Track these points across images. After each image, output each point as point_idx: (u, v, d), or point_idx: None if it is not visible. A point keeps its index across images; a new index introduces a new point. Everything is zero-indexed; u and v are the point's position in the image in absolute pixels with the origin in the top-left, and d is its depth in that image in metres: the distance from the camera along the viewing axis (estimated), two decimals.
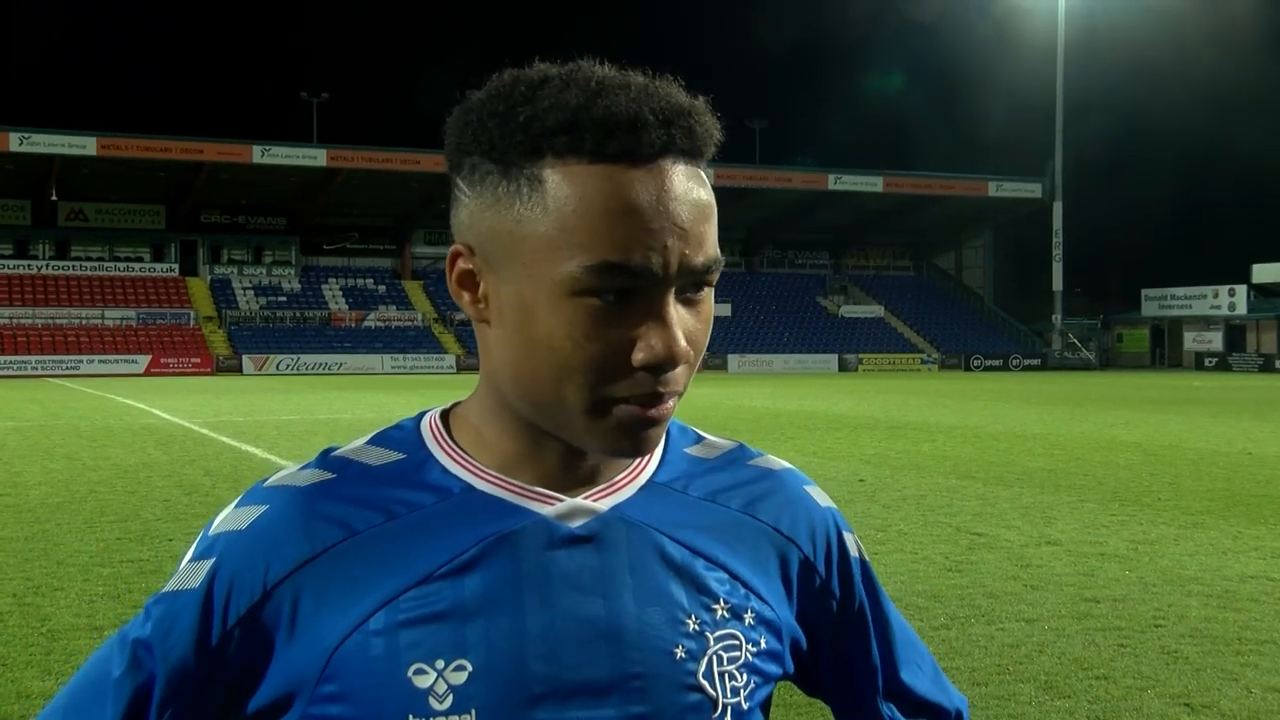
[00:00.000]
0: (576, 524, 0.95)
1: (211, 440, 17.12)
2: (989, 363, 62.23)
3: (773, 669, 1.00)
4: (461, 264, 0.92)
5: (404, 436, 0.99)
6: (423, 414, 1.02)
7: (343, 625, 0.91)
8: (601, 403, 0.88)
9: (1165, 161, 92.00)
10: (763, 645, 0.99)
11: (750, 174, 64.21)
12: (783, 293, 68.90)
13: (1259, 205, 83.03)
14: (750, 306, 66.45)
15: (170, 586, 0.95)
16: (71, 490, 11.35)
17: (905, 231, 72.73)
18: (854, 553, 1.08)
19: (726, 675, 0.95)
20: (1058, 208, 65.50)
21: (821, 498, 1.09)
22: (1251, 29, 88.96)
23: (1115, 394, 32.85)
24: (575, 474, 0.96)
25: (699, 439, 1.06)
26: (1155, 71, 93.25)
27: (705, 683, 0.94)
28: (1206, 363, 62.42)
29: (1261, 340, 64.66)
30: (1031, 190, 67.74)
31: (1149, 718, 4.73)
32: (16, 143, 51.78)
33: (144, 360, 51.24)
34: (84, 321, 55.18)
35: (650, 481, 0.99)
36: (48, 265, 58.71)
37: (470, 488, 0.95)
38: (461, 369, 53.79)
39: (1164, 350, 69.19)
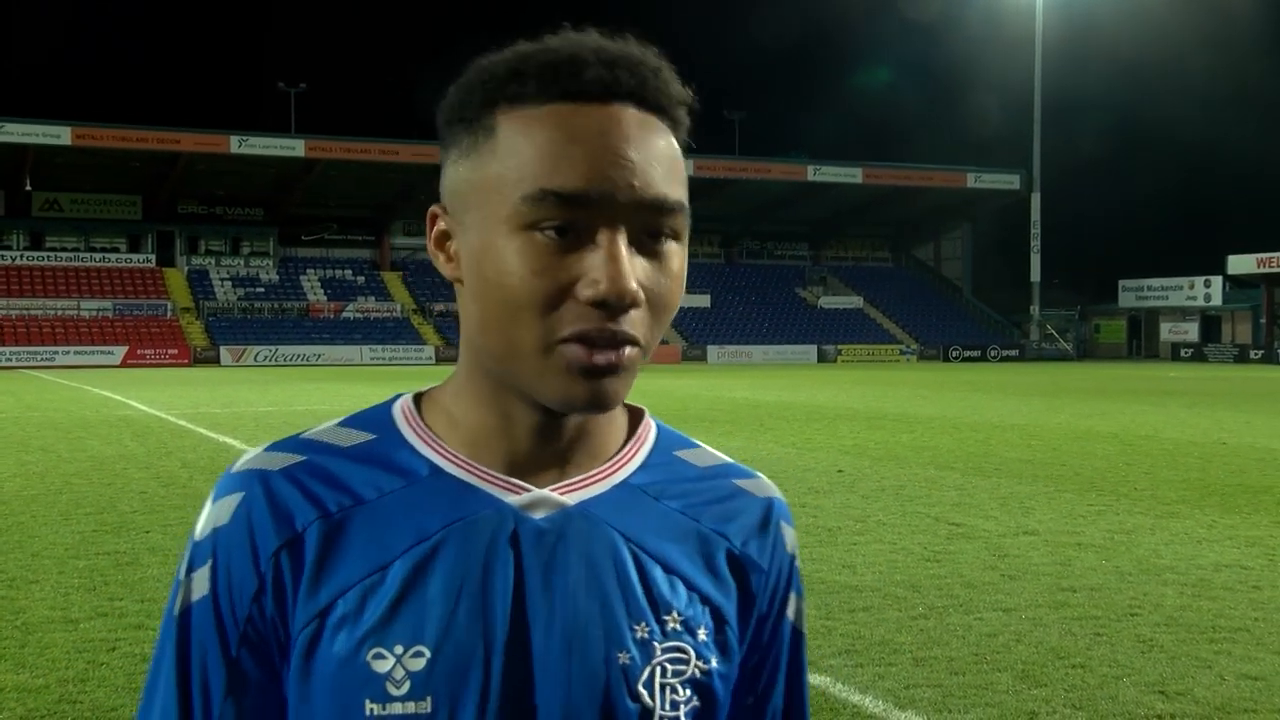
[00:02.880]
0: (540, 516, 0.93)
1: (189, 432, 17.03)
2: (967, 354, 62.49)
3: (720, 690, 0.97)
4: (439, 225, 0.94)
5: (375, 418, 0.99)
6: (397, 396, 1.01)
7: (310, 608, 0.91)
8: (550, 340, 0.87)
9: (1143, 154, 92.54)
10: (712, 665, 0.96)
11: (729, 165, 64.21)
12: (762, 284, 68.98)
13: (1235, 197, 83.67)
14: (729, 297, 66.50)
15: (178, 607, 0.94)
16: (47, 482, 11.27)
17: (884, 223, 72.90)
18: (791, 616, 1.05)
19: (669, 688, 0.93)
20: (1036, 199, 65.77)
21: (792, 541, 1.05)
22: (1230, 22, 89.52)
23: (1092, 385, 33.05)
24: (547, 457, 0.95)
25: (693, 446, 1.04)
26: (1134, 65, 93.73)
27: (644, 692, 0.92)
28: (1182, 353, 62.86)
29: (1237, 331, 65.16)
30: (1010, 182, 68.00)
31: (1125, 705, 4.77)
32: None
33: (120, 351, 50.87)
34: (60, 312, 54.74)
35: (625, 482, 0.97)
36: (22, 256, 58.18)
37: (438, 470, 0.94)
38: (440, 360, 53.65)
39: (1140, 341, 69.65)
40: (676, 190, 0.90)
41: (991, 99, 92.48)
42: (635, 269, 0.87)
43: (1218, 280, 64.74)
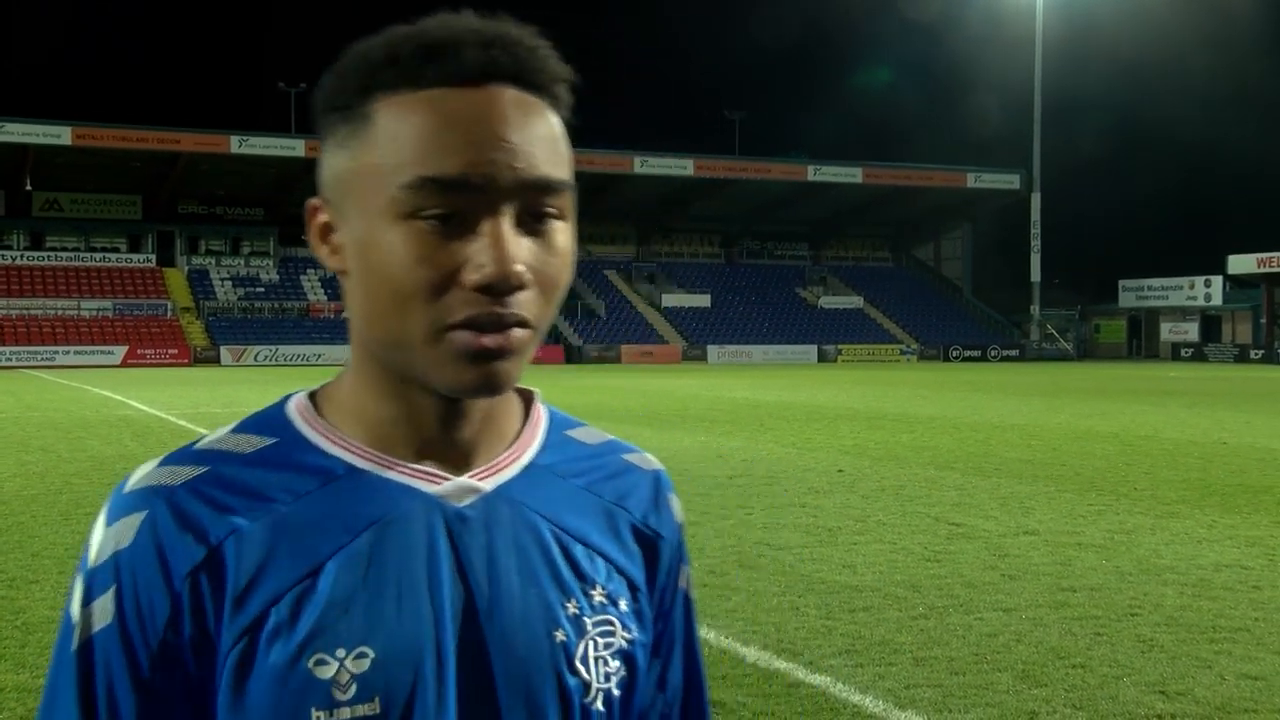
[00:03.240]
0: (464, 504, 0.93)
1: (189, 432, 17.02)
2: (967, 353, 62.48)
3: (640, 659, 0.99)
4: (320, 217, 0.93)
5: (271, 421, 0.96)
6: (287, 397, 0.98)
7: (237, 625, 0.88)
8: (438, 328, 0.86)
9: (1143, 153, 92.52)
10: (634, 634, 0.99)
11: (729, 165, 64.23)
12: (762, 284, 68.97)
13: (1236, 196, 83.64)
14: (729, 297, 66.49)
15: (76, 641, 0.88)
16: (47, 482, 11.27)
17: (884, 223, 72.90)
18: (683, 584, 1.07)
19: (601, 660, 0.95)
20: (1036, 199, 65.78)
21: (679, 511, 1.08)
22: (1230, 22, 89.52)
23: (1092, 385, 33.05)
24: (454, 444, 0.94)
25: (581, 425, 1.05)
26: (1135, 65, 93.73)
27: (582, 667, 0.94)
28: (1183, 353, 62.86)
29: (1237, 331, 65.16)
30: (1010, 182, 68.01)
31: (1125, 705, 4.77)
32: None
33: (121, 351, 50.86)
34: (60, 312, 54.73)
35: (532, 463, 0.98)
36: (23, 256, 58.17)
37: (353, 468, 0.93)
38: None
39: (1141, 341, 69.66)
40: (559, 169, 0.89)
41: (992, 99, 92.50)
42: (521, 250, 0.86)
43: (1218, 280, 64.73)
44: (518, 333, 0.87)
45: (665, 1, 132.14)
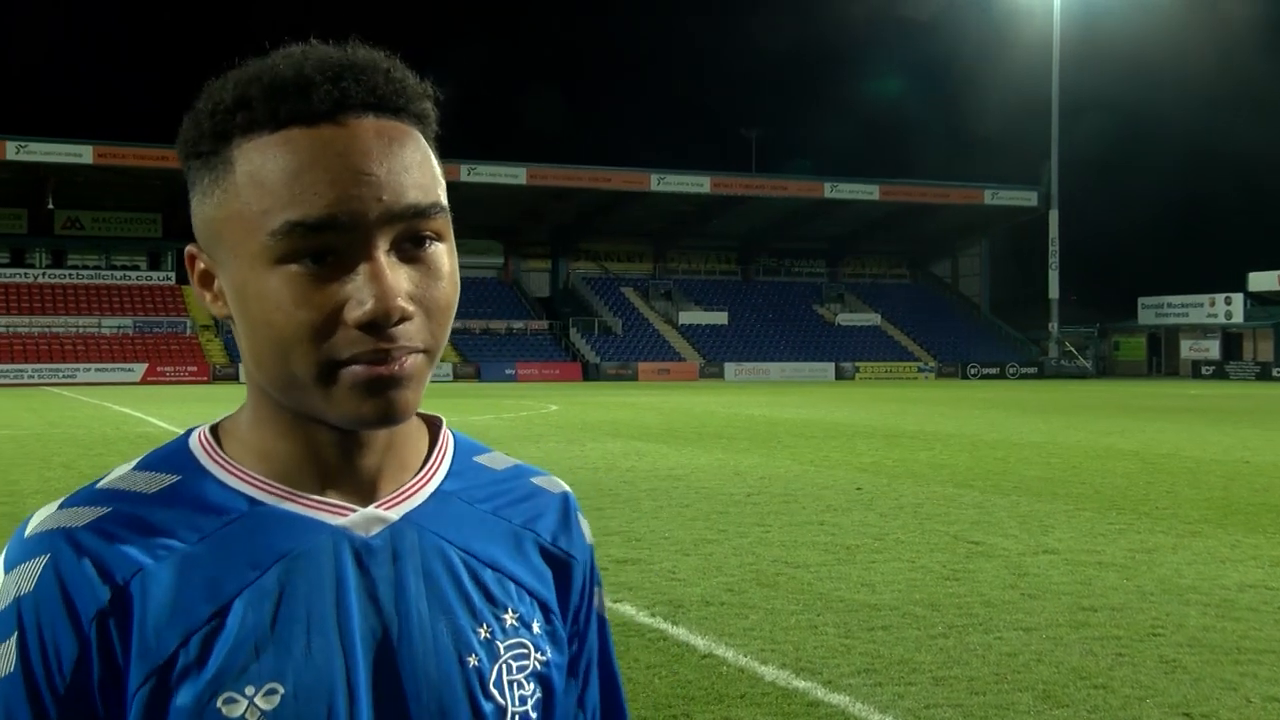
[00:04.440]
0: (371, 534, 0.92)
1: None
2: (986, 371, 62.26)
3: (557, 680, 0.99)
4: (199, 264, 0.93)
5: (173, 457, 0.94)
6: (190, 431, 0.97)
7: (144, 665, 0.86)
8: (328, 368, 0.85)
9: (1162, 169, 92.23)
10: (549, 656, 0.98)
11: (746, 182, 64.29)
12: (779, 301, 68.93)
13: (1256, 213, 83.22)
14: (746, 315, 66.46)
15: None
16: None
17: (902, 240, 72.79)
18: (596, 605, 1.07)
19: (515, 684, 0.95)
20: (1054, 216, 65.62)
21: (589, 533, 1.07)
22: (1248, 34, 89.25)
23: (1112, 402, 32.87)
24: (358, 474, 0.93)
25: (487, 450, 1.05)
26: (1152, 78, 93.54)
27: (496, 691, 0.93)
28: (1203, 371, 62.49)
29: (1258, 349, 64.73)
30: (1027, 199, 67.88)
31: None
32: (13, 151, 51.76)
33: (140, 369, 51.15)
34: (80, 330, 55.10)
35: (439, 490, 0.97)
36: (44, 274, 58.63)
37: (256, 502, 0.92)
38: (458, 377, 53.76)
39: (1161, 358, 69.28)
40: (430, 192, 0.88)
41: (1009, 115, 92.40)
42: (401, 281, 0.85)
43: (1239, 297, 64.36)
44: (411, 359, 0.86)
45: (682, 20, 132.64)
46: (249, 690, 0.86)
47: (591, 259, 69.01)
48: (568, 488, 1.08)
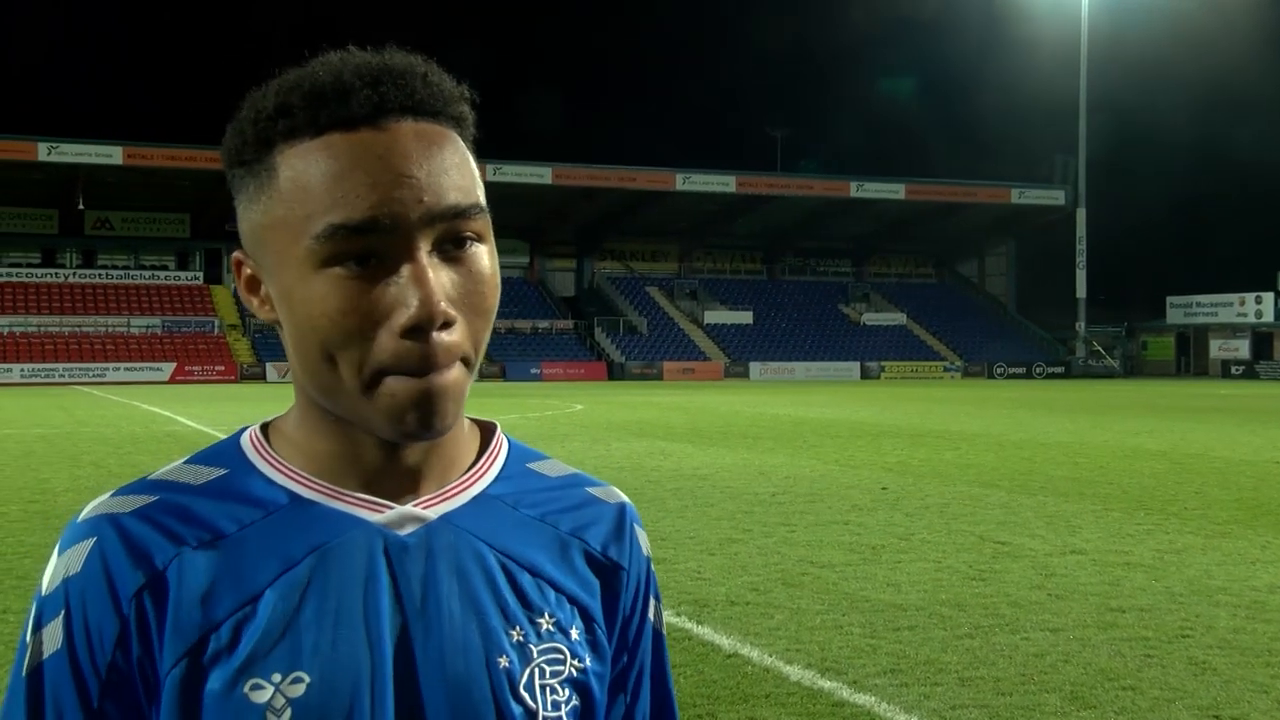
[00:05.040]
0: (405, 532, 0.93)
1: None
2: (1012, 370, 61.92)
3: (596, 689, 0.99)
4: (246, 270, 0.94)
5: (224, 452, 0.97)
6: (243, 429, 1.00)
7: (178, 647, 0.89)
8: (372, 376, 0.87)
9: (1191, 167, 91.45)
10: (587, 663, 0.98)
11: (771, 181, 64.18)
12: (804, 300, 68.78)
13: None
14: (772, 314, 66.35)
15: (27, 666, 0.90)
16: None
17: (928, 239, 72.49)
18: (652, 618, 1.06)
19: (548, 689, 0.95)
20: (1081, 214, 65.19)
21: (646, 544, 1.07)
22: (1278, 30, 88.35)
23: (1140, 402, 32.62)
24: (400, 474, 0.94)
25: (544, 458, 1.06)
26: (1182, 79, 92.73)
27: (526, 694, 0.93)
28: (1233, 370, 61.93)
29: None
30: (1055, 198, 67.45)
31: None
32: (45, 152, 52.28)
33: (169, 368, 51.55)
34: (110, 329, 55.58)
35: (483, 494, 0.98)
36: (74, 274, 59.19)
37: (298, 497, 0.94)
38: (483, 376, 53.91)
39: (1189, 358, 68.71)
40: (470, 194, 0.89)
41: (1036, 114, 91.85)
42: (443, 283, 0.87)
43: (1269, 296, 63.78)
44: (452, 372, 0.88)
45: (708, 19, 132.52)
46: (275, 677, 0.88)
47: (617, 258, 69.06)
48: (626, 499, 1.08)
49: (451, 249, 0.88)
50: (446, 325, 0.86)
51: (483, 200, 0.90)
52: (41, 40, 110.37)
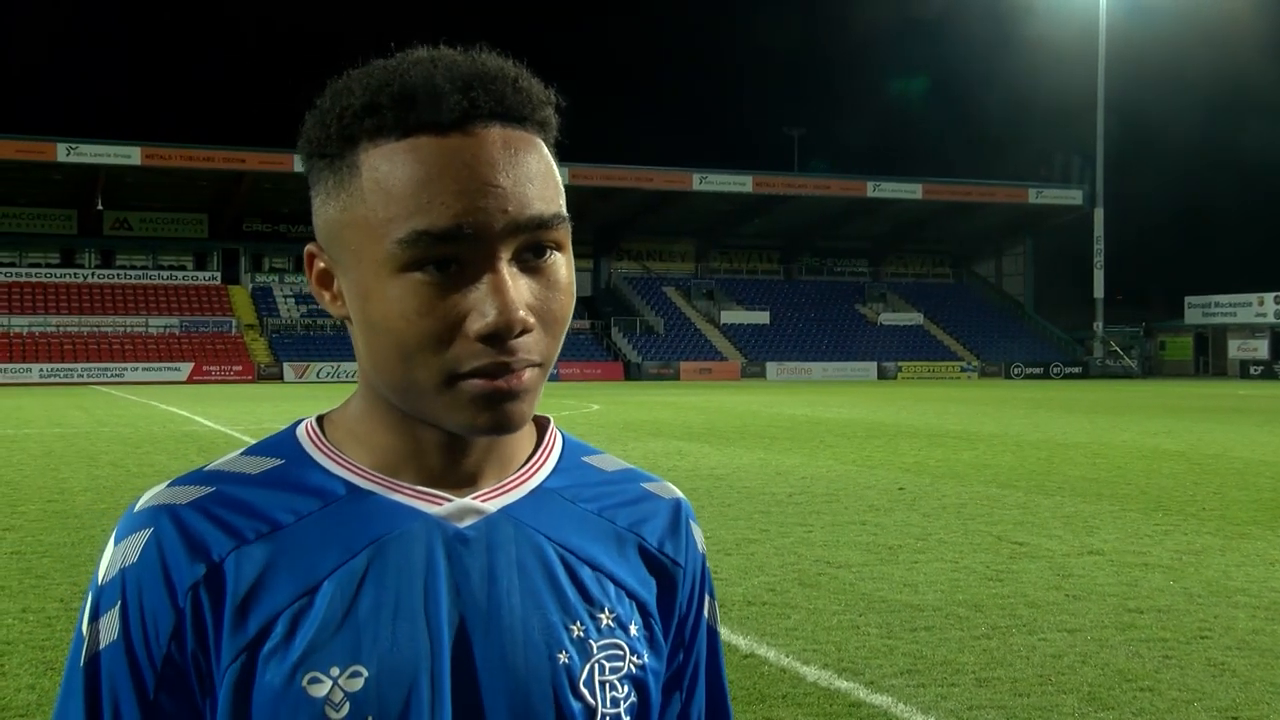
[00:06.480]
0: (465, 524, 0.93)
1: None
2: (1029, 371, 61.69)
3: (653, 686, 0.98)
4: (318, 264, 0.93)
5: (281, 443, 0.97)
6: (299, 421, 0.99)
7: (237, 641, 0.88)
8: (449, 378, 0.87)
9: (1208, 167, 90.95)
10: (645, 660, 0.97)
11: (788, 181, 64.11)
12: (821, 300, 68.67)
13: None
14: (788, 314, 66.26)
15: (84, 656, 0.90)
16: (116, 496, 11.47)
17: (945, 239, 72.29)
18: (707, 615, 1.06)
19: (607, 685, 0.94)
20: (1099, 214, 64.90)
21: (701, 540, 1.07)
22: None
23: (1158, 402, 32.46)
24: (459, 471, 0.94)
25: (598, 452, 1.05)
26: (1201, 77, 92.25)
27: (586, 691, 0.93)
28: (1252, 371, 61.55)
29: None
30: (1072, 197, 67.17)
31: None
32: (64, 153, 52.60)
33: (186, 368, 51.79)
34: (128, 329, 55.87)
35: (541, 487, 0.98)
36: (93, 274, 59.52)
37: (355, 488, 0.93)
38: None
39: (1208, 358, 68.32)
40: (553, 203, 0.88)
41: (1054, 113, 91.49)
42: (521, 292, 0.86)
43: None
44: (528, 373, 0.88)
45: (724, 19, 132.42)
46: (334, 671, 0.88)
47: (633, 258, 69.07)
48: (681, 495, 1.07)
49: (531, 258, 0.88)
50: (524, 333, 0.86)
51: (564, 209, 0.90)
52: (60, 42, 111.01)
